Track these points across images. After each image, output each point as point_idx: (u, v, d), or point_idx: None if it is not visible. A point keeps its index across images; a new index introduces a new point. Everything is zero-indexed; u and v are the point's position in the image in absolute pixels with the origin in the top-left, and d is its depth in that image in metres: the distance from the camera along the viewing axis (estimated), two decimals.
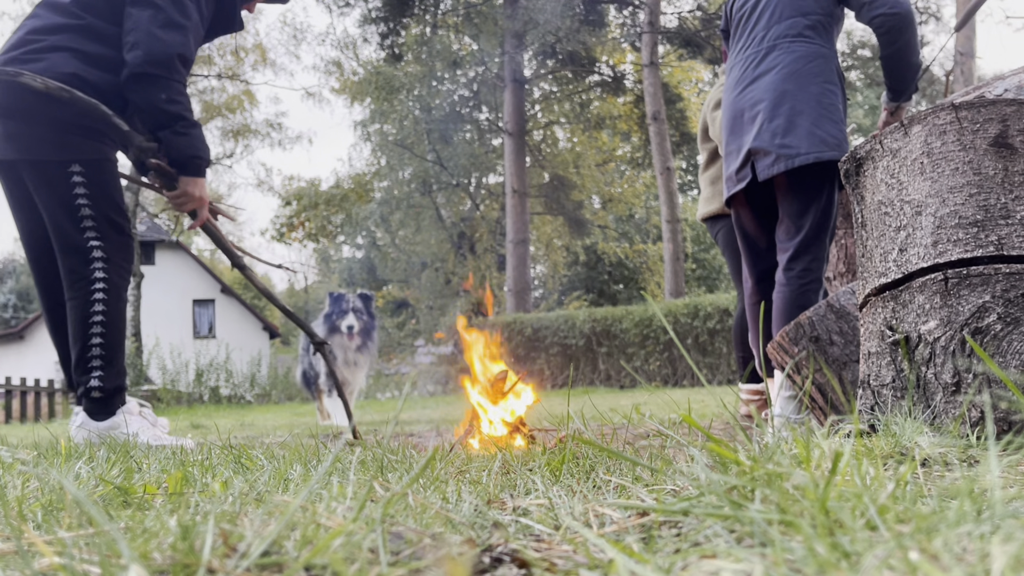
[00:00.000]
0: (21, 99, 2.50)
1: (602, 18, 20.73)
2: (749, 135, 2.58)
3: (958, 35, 15.51)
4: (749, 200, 2.73)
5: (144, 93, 2.52)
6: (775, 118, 2.52)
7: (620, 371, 14.24)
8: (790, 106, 2.50)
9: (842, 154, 2.45)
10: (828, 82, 2.53)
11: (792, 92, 2.52)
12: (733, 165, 2.69)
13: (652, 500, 0.90)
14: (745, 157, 2.61)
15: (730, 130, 2.71)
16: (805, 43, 2.57)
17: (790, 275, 2.52)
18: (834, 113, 2.50)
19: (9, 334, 27.54)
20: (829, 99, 2.51)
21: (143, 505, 0.99)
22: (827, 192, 2.53)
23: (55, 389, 12.51)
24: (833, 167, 2.49)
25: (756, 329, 2.75)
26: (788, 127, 2.49)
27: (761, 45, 2.65)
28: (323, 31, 36.34)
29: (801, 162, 2.45)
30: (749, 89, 2.63)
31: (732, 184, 2.70)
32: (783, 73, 2.55)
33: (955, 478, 0.90)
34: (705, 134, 3.89)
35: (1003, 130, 1.39)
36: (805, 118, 2.48)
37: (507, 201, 18.65)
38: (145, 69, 2.50)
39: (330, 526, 0.67)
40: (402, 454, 1.62)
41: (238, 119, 22.89)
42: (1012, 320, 1.29)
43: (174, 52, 2.53)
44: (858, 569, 0.50)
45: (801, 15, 2.60)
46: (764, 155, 2.53)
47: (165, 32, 2.53)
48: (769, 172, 2.52)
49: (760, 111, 2.56)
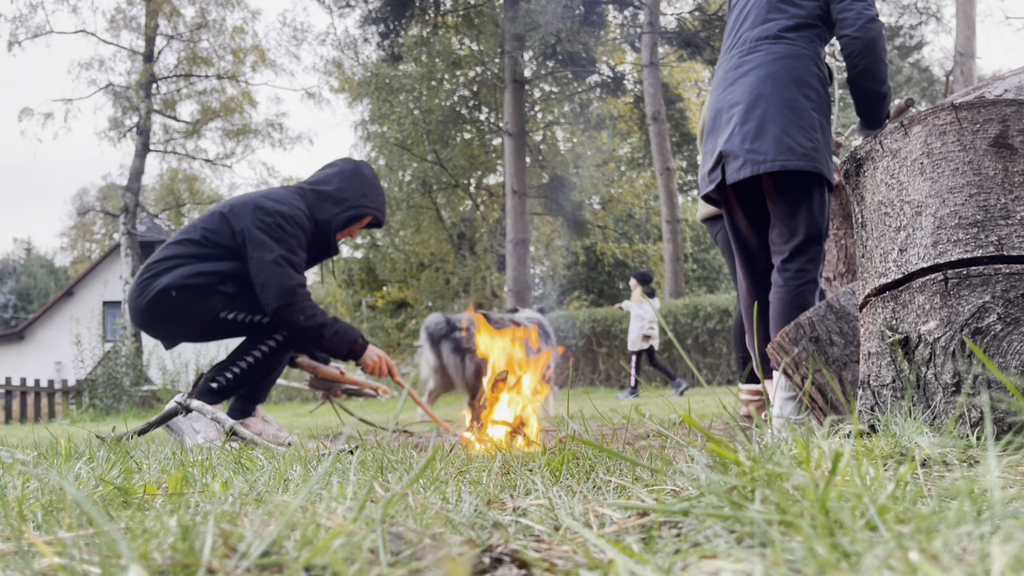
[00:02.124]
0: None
1: (602, 19, 20.72)
2: (723, 136, 2.59)
3: (958, 35, 15.51)
4: (741, 201, 2.73)
5: (288, 320, 3.18)
6: (747, 122, 2.51)
7: (620, 371, 14.24)
8: (763, 110, 2.49)
9: (809, 164, 2.43)
10: (805, 86, 2.50)
11: (767, 96, 2.50)
12: (707, 166, 2.71)
13: (652, 500, 0.90)
14: (716, 159, 2.62)
15: (709, 130, 2.72)
16: (785, 45, 2.56)
17: (786, 276, 2.52)
18: (805, 119, 2.47)
19: (9, 334, 27.53)
20: (802, 105, 2.48)
21: (143, 505, 0.99)
22: (816, 194, 2.52)
23: (55, 389, 12.50)
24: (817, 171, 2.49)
25: (752, 330, 2.75)
26: (758, 132, 2.48)
27: (744, 46, 2.65)
28: (323, 31, 36.32)
29: (766, 169, 2.45)
30: (729, 90, 2.63)
31: (705, 184, 2.72)
32: (760, 75, 2.54)
33: (955, 478, 0.90)
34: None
35: (1003, 130, 1.40)
36: (775, 124, 2.47)
37: (507, 201, 18.64)
38: (279, 304, 3.14)
39: (330, 526, 0.67)
40: (402, 454, 1.62)
41: (238, 120, 22.87)
42: (1012, 320, 1.29)
43: (294, 284, 3.17)
44: (858, 569, 0.50)
45: (784, 16, 2.59)
46: (733, 159, 2.54)
47: (283, 269, 3.17)
48: (736, 176, 2.53)
49: (735, 113, 2.56)
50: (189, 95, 22.34)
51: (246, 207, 3.24)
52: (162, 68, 21.80)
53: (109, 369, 12.82)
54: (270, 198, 3.29)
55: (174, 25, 21.56)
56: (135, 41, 21.83)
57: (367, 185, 3.57)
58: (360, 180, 3.56)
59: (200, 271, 3.19)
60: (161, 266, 3.21)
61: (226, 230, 3.23)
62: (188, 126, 22.65)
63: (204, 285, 3.20)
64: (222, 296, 3.25)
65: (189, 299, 3.17)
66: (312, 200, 3.43)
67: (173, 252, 3.24)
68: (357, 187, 3.53)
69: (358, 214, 3.50)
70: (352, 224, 3.51)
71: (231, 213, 3.25)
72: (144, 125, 20.72)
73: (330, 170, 3.58)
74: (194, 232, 3.27)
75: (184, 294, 3.16)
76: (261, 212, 3.21)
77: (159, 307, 3.15)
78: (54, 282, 45.46)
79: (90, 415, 11.43)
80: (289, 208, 3.27)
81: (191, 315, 3.20)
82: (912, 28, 23.32)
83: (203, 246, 3.23)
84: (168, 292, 3.15)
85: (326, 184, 3.49)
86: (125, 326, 17.08)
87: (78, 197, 41.96)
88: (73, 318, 15.22)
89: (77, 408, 12.43)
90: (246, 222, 3.19)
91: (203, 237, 3.24)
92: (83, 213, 39.81)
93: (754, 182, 2.65)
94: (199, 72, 21.95)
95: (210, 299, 3.23)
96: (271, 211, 3.22)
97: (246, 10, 22.22)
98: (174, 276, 3.17)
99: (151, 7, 20.89)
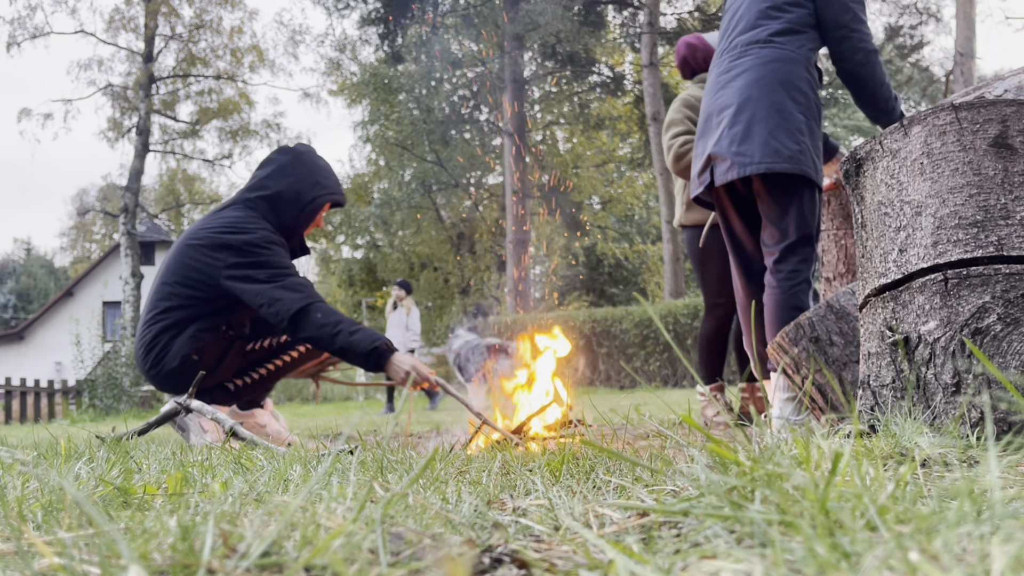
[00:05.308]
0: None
1: (602, 19, 20.73)
2: (712, 139, 2.62)
3: (958, 35, 15.51)
4: (734, 203, 2.75)
5: (304, 328, 2.94)
6: (735, 125, 2.54)
7: (620, 372, 14.24)
8: (751, 114, 2.52)
9: (795, 167, 2.47)
10: (793, 89, 2.53)
11: (755, 99, 2.53)
12: (697, 167, 2.73)
13: (652, 501, 0.90)
14: (705, 161, 2.64)
15: (700, 133, 2.75)
16: (775, 49, 2.59)
17: (779, 277, 2.54)
18: (792, 123, 2.50)
19: (9, 334, 27.54)
20: (789, 108, 2.51)
21: (143, 506, 0.99)
22: (806, 195, 2.54)
23: (55, 390, 12.50)
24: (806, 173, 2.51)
25: (749, 330, 2.77)
26: (745, 135, 2.52)
27: (735, 51, 2.68)
28: (322, 32, 36.33)
29: (752, 171, 2.48)
30: (719, 93, 2.66)
31: (695, 186, 2.74)
32: (748, 79, 2.57)
33: (955, 478, 0.90)
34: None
35: (1003, 131, 1.40)
36: (762, 127, 2.50)
37: (507, 201, 18.65)
38: (292, 314, 2.93)
39: (330, 527, 0.67)
40: (402, 455, 1.62)
41: (236, 120, 22.87)
42: (1012, 320, 1.29)
43: (301, 287, 2.99)
44: (858, 569, 0.50)
45: (774, 22, 2.62)
46: (721, 161, 2.57)
47: (282, 282, 3.00)
48: (724, 178, 2.56)
49: (724, 117, 2.59)
50: (188, 95, 22.35)
51: (212, 253, 3.06)
52: (161, 68, 21.81)
53: (109, 369, 12.84)
54: (228, 230, 3.10)
55: (172, 26, 21.57)
56: (134, 42, 21.86)
57: (314, 170, 3.33)
58: (304, 168, 3.32)
59: (206, 327, 3.12)
60: (163, 339, 3.11)
61: (205, 281, 3.08)
62: (187, 126, 22.66)
63: (218, 332, 3.15)
64: (241, 335, 3.22)
65: (212, 353, 3.13)
66: (264, 209, 3.23)
67: (168, 322, 3.12)
68: (305, 176, 3.30)
69: (317, 205, 3.29)
70: (315, 215, 3.32)
71: (199, 263, 3.08)
72: (143, 125, 20.73)
73: (268, 169, 3.33)
74: (176, 298, 3.12)
75: (205, 354, 3.11)
76: (228, 252, 3.05)
77: (187, 374, 3.05)
78: (54, 282, 45.48)
79: (90, 415, 11.43)
80: (252, 235, 3.09)
81: (224, 363, 3.17)
82: (912, 28, 23.32)
83: (192, 307, 3.12)
84: (189, 359, 3.08)
85: (270, 187, 3.26)
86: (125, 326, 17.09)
87: (78, 197, 42.02)
88: (73, 318, 15.23)
89: (77, 408, 12.43)
90: (220, 269, 3.04)
91: (189, 299, 3.10)
92: (83, 213, 39.85)
93: (746, 185, 2.66)
94: (197, 72, 21.96)
95: (231, 345, 3.19)
96: (237, 246, 3.05)
97: (243, 10, 22.23)
98: (185, 341, 3.08)
99: (150, 7, 20.90)
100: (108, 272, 26.85)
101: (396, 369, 2.93)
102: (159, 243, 27.67)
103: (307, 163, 3.34)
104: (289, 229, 3.26)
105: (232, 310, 3.16)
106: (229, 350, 3.19)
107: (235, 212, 3.20)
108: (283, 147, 3.43)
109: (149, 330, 3.15)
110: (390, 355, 2.92)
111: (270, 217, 3.22)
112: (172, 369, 3.10)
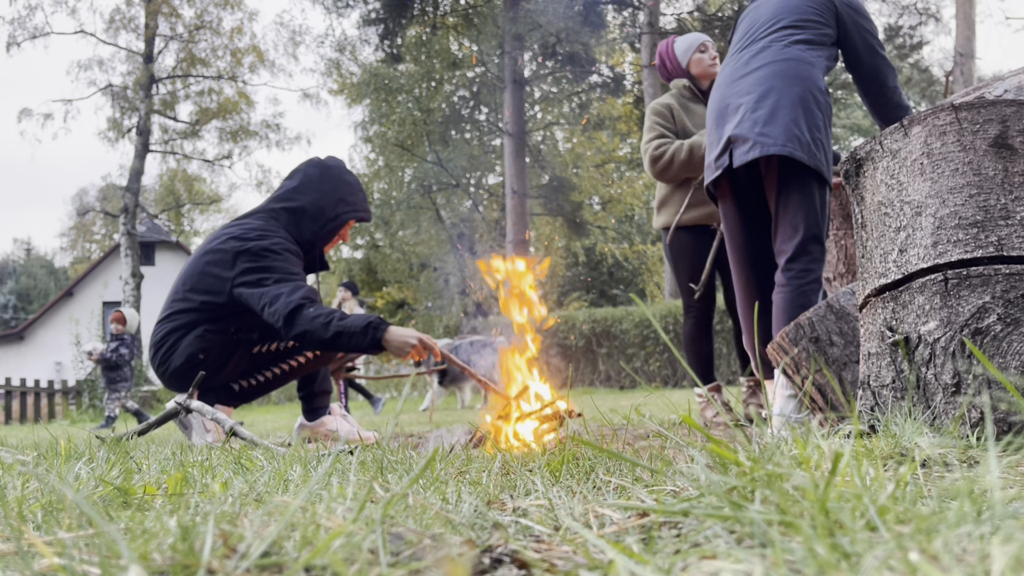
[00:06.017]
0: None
1: (602, 19, 20.73)
2: (731, 124, 2.61)
3: (958, 36, 15.51)
4: (737, 196, 2.74)
5: (298, 324, 2.90)
6: (758, 108, 2.55)
7: (620, 372, 14.24)
8: (775, 100, 2.54)
9: (811, 159, 2.49)
10: (815, 88, 2.57)
11: (778, 88, 2.56)
12: (713, 153, 2.71)
13: (652, 501, 0.90)
14: (724, 144, 2.63)
15: (714, 122, 2.74)
16: (797, 50, 2.62)
17: (789, 275, 2.52)
18: (811, 118, 2.53)
19: (9, 334, 27.53)
20: (810, 104, 2.54)
21: (143, 506, 0.99)
22: (817, 191, 2.54)
23: (55, 390, 12.51)
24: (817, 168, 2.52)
25: (751, 330, 2.76)
26: (770, 118, 2.53)
27: (755, 47, 2.68)
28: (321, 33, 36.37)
29: (775, 151, 2.47)
30: (737, 83, 2.67)
31: (711, 172, 2.72)
32: (771, 70, 2.59)
33: (955, 479, 0.90)
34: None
35: (1003, 131, 1.40)
36: (786, 113, 2.52)
37: (507, 201, 18.65)
38: (288, 311, 2.90)
39: (330, 527, 0.67)
40: (402, 455, 1.62)
41: (236, 120, 22.87)
42: (1012, 321, 1.29)
43: (303, 290, 3.00)
44: (858, 570, 0.50)
45: (797, 32, 2.66)
46: (742, 142, 2.56)
47: (284, 285, 3.00)
48: (744, 158, 2.54)
49: (745, 103, 2.59)
50: (188, 96, 22.35)
51: (227, 260, 3.09)
52: (161, 69, 21.81)
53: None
54: (245, 237, 3.11)
55: (172, 26, 21.57)
56: (134, 42, 21.85)
57: (341, 187, 3.31)
58: (331, 183, 3.30)
59: (214, 329, 3.15)
60: (172, 338, 3.15)
61: (219, 287, 3.11)
62: (187, 127, 22.66)
63: (226, 335, 3.17)
64: (248, 338, 3.23)
65: (219, 353, 3.15)
66: (287, 221, 3.23)
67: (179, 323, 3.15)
68: (331, 193, 3.28)
69: (340, 223, 3.29)
70: (336, 233, 3.32)
71: (214, 270, 3.11)
72: (144, 125, 20.73)
73: (295, 181, 3.32)
74: (190, 301, 3.16)
75: (211, 353, 3.13)
76: (241, 258, 3.07)
77: (193, 372, 3.06)
78: (54, 282, 45.46)
79: (90, 415, 11.43)
80: (267, 241, 3.10)
81: (230, 364, 3.18)
82: (912, 28, 23.33)
83: (204, 311, 3.14)
84: (196, 357, 3.11)
85: (295, 199, 3.26)
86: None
87: (78, 197, 42.03)
88: (73, 319, 15.23)
89: (77, 408, 12.43)
90: (232, 277, 3.06)
91: (202, 303, 3.13)
92: (83, 213, 39.84)
93: (754, 179, 2.65)
94: (197, 73, 21.96)
95: (238, 347, 3.20)
96: (250, 251, 3.07)
97: (243, 11, 22.24)
98: (192, 340, 3.11)
99: (150, 8, 20.90)
100: (108, 272, 26.85)
101: (398, 341, 2.87)
102: (159, 243, 27.67)
103: (334, 178, 3.32)
104: (309, 243, 3.26)
105: (243, 315, 3.18)
106: (236, 351, 3.20)
107: (256, 220, 3.22)
108: (313, 160, 3.41)
109: (161, 329, 3.21)
110: (386, 327, 2.88)
111: (291, 229, 3.23)
112: (178, 367, 3.13)
